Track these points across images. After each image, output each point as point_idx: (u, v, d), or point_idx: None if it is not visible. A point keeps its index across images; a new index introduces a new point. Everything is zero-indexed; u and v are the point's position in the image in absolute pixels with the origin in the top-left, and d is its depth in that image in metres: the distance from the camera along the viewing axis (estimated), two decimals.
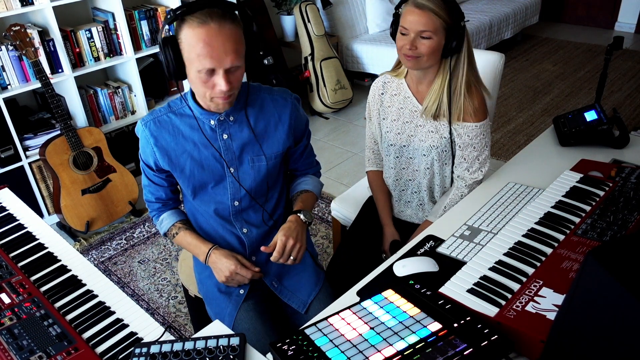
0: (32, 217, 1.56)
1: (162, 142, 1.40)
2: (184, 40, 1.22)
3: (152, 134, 1.40)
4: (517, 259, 1.21)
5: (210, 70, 1.22)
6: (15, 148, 2.67)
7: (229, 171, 1.42)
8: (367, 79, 4.55)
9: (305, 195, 1.57)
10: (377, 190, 1.86)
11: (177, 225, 1.52)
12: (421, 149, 1.67)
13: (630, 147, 1.76)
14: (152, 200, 1.54)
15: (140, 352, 1.04)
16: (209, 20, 1.19)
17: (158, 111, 1.42)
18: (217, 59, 1.21)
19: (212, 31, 1.19)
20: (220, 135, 1.40)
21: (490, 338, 0.98)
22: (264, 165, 1.44)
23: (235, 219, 1.49)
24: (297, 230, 1.44)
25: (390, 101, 1.71)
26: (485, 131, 1.62)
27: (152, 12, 3.07)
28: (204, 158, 1.41)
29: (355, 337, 1.02)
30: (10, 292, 1.22)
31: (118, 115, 3.13)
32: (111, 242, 2.80)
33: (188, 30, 1.21)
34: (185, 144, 1.40)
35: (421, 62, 1.52)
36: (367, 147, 1.89)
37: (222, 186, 1.44)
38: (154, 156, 1.42)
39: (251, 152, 1.43)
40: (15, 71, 2.62)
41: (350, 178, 3.27)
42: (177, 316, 2.30)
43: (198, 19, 1.19)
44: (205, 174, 1.42)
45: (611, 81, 4.39)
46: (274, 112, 1.44)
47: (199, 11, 1.19)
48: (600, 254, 0.76)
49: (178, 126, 1.40)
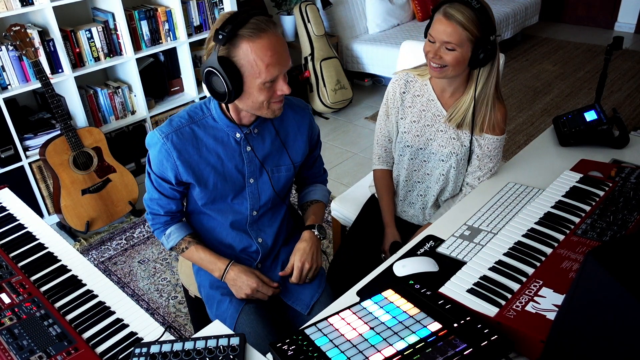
0: (32, 217, 1.56)
1: (185, 155, 1.34)
2: (243, 57, 1.18)
3: (175, 147, 1.32)
4: (517, 259, 1.21)
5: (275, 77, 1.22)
6: (15, 148, 2.67)
7: (249, 182, 1.42)
8: (367, 79, 4.56)
9: (316, 207, 1.59)
10: (383, 190, 1.84)
11: (186, 240, 1.48)
12: (440, 154, 1.67)
13: (630, 147, 1.76)
14: (161, 213, 1.47)
15: (140, 352, 1.04)
16: (265, 28, 1.17)
17: (178, 122, 1.35)
18: (284, 64, 1.21)
19: (273, 37, 1.18)
20: (244, 148, 1.38)
21: (490, 338, 0.98)
22: (283, 175, 1.46)
23: (251, 228, 1.49)
24: (312, 251, 1.47)
25: (411, 102, 1.69)
26: (502, 144, 1.66)
27: (152, 12, 3.07)
28: (227, 170, 1.38)
29: (355, 337, 1.02)
30: (10, 292, 1.22)
31: (118, 115, 3.13)
32: (111, 242, 2.80)
33: (248, 44, 1.17)
34: (209, 157, 1.36)
35: (446, 71, 1.51)
36: (379, 145, 1.83)
37: (242, 197, 1.43)
38: (176, 170, 1.35)
39: (272, 163, 1.43)
40: (15, 71, 2.62)
41: (350, 178, 3.27)
42: (177, 316, 2.30)
43: (255, 31, 1.16)
44: (227, 185, 1.40)
45: (611, 81, 4.39)
46: (294, 122, 1.45)
47: (248, 23, 1.16)
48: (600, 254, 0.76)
49: (202, 138, 1.35)
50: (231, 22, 1.16)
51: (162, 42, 3.18)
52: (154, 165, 1.38)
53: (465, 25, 1.43)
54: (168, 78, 3.35)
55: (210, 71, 1.20)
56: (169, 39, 3.19)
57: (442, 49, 1.47)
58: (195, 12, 3.29)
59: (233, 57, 1.19)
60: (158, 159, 1.35)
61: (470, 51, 1.47)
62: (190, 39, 3.26)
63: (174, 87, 3.39)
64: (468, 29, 1.43)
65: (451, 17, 1.43)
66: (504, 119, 1.62)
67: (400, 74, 1.71)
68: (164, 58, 3.28)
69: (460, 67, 1.50)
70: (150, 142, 1.36)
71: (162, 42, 3.18)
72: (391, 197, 1.84)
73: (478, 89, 1.55)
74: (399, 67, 2.05)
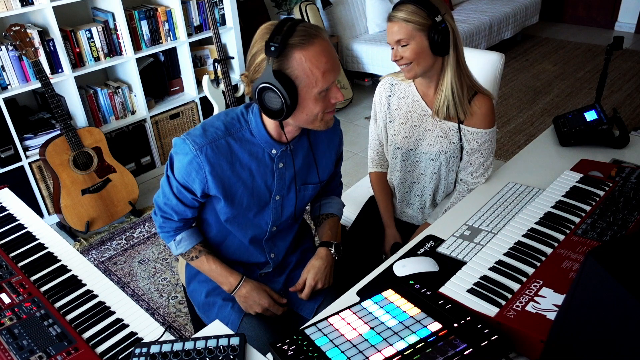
0: (32, 217, 1.56)
1: (218, 170, 1.26)
2: (296, 67, 1.12)
3: (209, 161, 1.24)
4: (517, 259, 1.21)
5: None
6: (15, 148, 2.67)
7: (274, 199, 1.37)
8: (367, 79, 4.56)
9: (332, 222, 1.55)
10: (380, 192, 1.86)
11: (197, 248, 1.42)
12: (429, 154, 1.67)
13: (630, 147, 1.76)
14: (174, 219, 1.39)
15: (140, 352, 1.04)
16: (316, 34, 1.12)
17: (214, 133, 1.26)
18: (338, 70, 1.17)
19: (325, 43, 1.14)
20: (277, 164, 1.32)
21: (490, 338, 0.98)
22: (309, 193, 1.42)
23: (267, 244, 1.46)
24: (326, 270, 1.44)
25: (398, 104, 1.71)
26: (492, 138, 1.64)
27: (152, 12, 3.07)
28: (256, 186, 1.33)
29: (356, 337, 1.02)
30: (10, 292, 1.22)
31: (118, 115, 3.13)
32: (111, 242, 2.80)
33: (300, 52, 1.11)
34: (242, 172, 1.30)
35: (414, 68, 1.54)
36: (371, 149, 1.88)
37: (264, 212, 1.38)
38: (205, 184, 1.27)
39: (300, 180, 1.38)
40: (15, 71, 2.62)
41: (351, 178, 3.26)
42: (177, 316, 2.30)
43: (306, 38, 1.11)
44: (253, 201, 1.35)
45: (611, 81, 4.39)
46: (324, 138, 1.40)
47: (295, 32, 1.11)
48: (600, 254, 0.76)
49: (237, 152, 1.27)
50: (278, 32, 1.11)
51: (162, 42, 3.18)
52: (179, 174, 1.29)
53: (407, 19, 1.49)
54: (168, 78, 3.35)
55: (265, 87, 1.13)
56: (169, 38, 3.19)
57: (399, 49, 1.53)
58: (195, 12, 3.29)
59: (286, 69, 1.12)
60: (187, 169, 1.27)
61: (426, 39, 1.50)
62: (190, 39, 3.26)
63: (174, 87, 3.39)
64: (411, 20, 1.48)
65: (394, 18, 1.52)
66: (491, 111, 1.60)
67: (385, 79, 1.75)
68: (164, 58, 3.28)
69: (424, 58, 1.52)
70: (180, 151, 1.26)
71: (162, 42, 3.18)
72: (389, 198, 1.85)
73: (449, 74, 1.56)
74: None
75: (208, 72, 3.46)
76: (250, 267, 1.50)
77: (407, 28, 1.49)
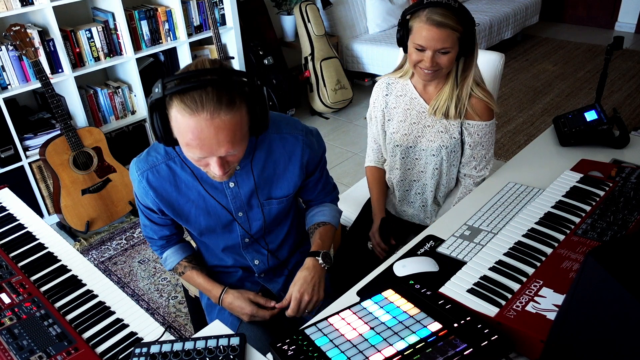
0: (32, 217, 1.56)
1: (163, 193, 1.28)
2: (173, 119, 1.05)
3: (151, 185, 1.27)
4: (517, 259, 1.21)
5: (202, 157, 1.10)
6: (15, 148, 2.67)
7: (238, 215, 1.35)
8: (367, 79, 4.55)
9: (323, 230, 1.46)
10: (373, 185, 1.87)
11: (182, 264, 1.45)
12: (430, 150, 1.67)
13: (630, 147, 1.76)
14: (155, 237, 1.44)
15: (140, 352, 1.04)
16: (200, 109, 1.00)
17: (154, 158, 1.27)
18: (208, 150, 1.06)
19: (203, 123, 1.01)
20: (227, 184, 1.30)
21: (490, 338, 0.98)
22: (274, 207, 1.38)
23: (246, 252, 1.45)
24: (313, 282, 1.36)
25: (395, 102, 1.71)
26: (493, 129, 1.65)
27: (152, 12, 3.07)
28: (210, 206, 1.32)
29: (356, 337, 1.02)
30: (10, 292, 1.22)
31: (118, 115, 3.13)
32: (111, 242, 2.80)
33: (177, 114, 1.03)
34: (189, 193, 1.30)
35: (439, 73, 1.55)
36: (369, 146, 1.90)
37: (231, 228, 1.38)
38: (157, 205, 1.31)
39: (261, 197, 1.35)
40: (15, 71, 2.62)
41: (351, 178, 3.27)
42: (177, 316, 2.30)
43: (187, 107, 1.01)
44: (212, 219, 1.34)
45: (611, 81, 4.39)
46: (283, 153, 1.33)
47: (190, 93, 1.00)
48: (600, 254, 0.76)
49: (179, 175, 1.28)
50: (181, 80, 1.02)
51: (162, 42, 3.18)
52: (139, 198, 1.34)
53: (455, 27, 1.46)
54: None
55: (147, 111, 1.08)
56: (169, 38, 3.19)
57: (436, 55, 1.49)
58: (195, 12, 3.29)
59: (168, 111, 1.06)
60: (139, 192, 1.31)
61: (459, 48, 1.50)
62: (190, 39, 3.26)
63: None
64: (457, 30, 1.47)
65: (440, 25, 1.44)
66: (491, 101, 1.61)
67: (381, 80, 1.76)
68: (164, 58, 3.28)
69: (452, 65, 1.55)
70: (131, 175, 1.31)
71: (162, 42, 3.18)
72: (381, 192, 1.86)
73: (459, 75, 1.56)
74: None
75: None
76: (249, 268, 1.50)
77: (452, 37, 1.47)
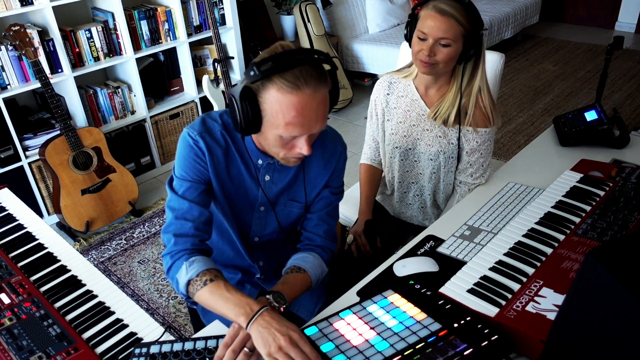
0: (32, 217, 1.56)
1: (214, 159, 1.25)
2: (268, 101, 1.07)
3: (208, 146, 1.24)
4: (517, 259, 1.20)
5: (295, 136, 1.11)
6: (15, 148, 2.66)
7: (258, 209, 1.35)
8: (367, 79, 4.55)
9: (294, 277, 1.26)
10: (365, 183, 1.86)
11: (213, 272, 1.19)
12: (428, 153, 1.66)
13: (631, 147, 1.76)
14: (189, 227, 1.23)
15: (140, 352, 1.04)
16: (303, 85, 1.04)
17: (212, 125, 1.26)
18: (308, 127, 1.09)
19: (307, 98, 1.05)
20: (263, 176, 1.30)
21: (491, 338, 0.98)
22: (295, 211, 1.38)
23: (251, 252, 1.43)
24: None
25: (396, 102, 1.69)
26: (492, 137, 1.62)
27: (152, 12, 3.07)
28: (241, 190, 1.31)
29: (362, 342, 1.01)
30: (10, 292, 1.22)
31: (118, 115, 3.13)
32: (111, 242, 2.80)
33: (276, 94, 1.05)
34: (232, 169, 1.28)
35: (437, 68, 1.50)
36: (366, 144, 1.88)
37: (247, 215, 1.36)
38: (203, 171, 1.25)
39: (287, 197, 1.35)
40: (15, 71, 2.62)
41: (351, 178, 3.26)
42: (177, 316, 2.30)
43: (290, 84, 1.03)
44: (236, 205, 1.33)
45: (611, 81, 4.38)
46: (320, 160, 1.33)
47: (290, 71, 1.03)
48: (600, 254, 0.76)
49: (231, 148, 1.27)
50: (273, 61, 1.04)
51: (161, 42, 3.18)
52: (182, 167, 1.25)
53: (460, 20, 1.42)
54: (168, 78, 3.34)
55: (232, 99, 1.11)
56: (168, 38, 3.19)
57: (436, 46, 1.45)
58: (195, 12, 3.28)
59: (260, 96, 1.08)
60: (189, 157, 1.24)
61: (462, 46, 1.46)
62: (190, 39, 3.26)
63: (174, 87, 3.39)
64: (462, 23, 1.43)
65: (445, 13, 1.42)
66: (493, 109, 1.58)
67: (384, 77, 1.72)
68: (163, 58, 3.28)
69: (451, 64, 1.50)
70: (182, 142, 1.26)
71: (162, 42, 3.18)
72: (371, 191, 1.84)
73: (464, 83, 1.53)
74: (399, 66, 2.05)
75: (208, 72, 3.46)
76: (249, 269, 1.49)
77: (456, 29, 1.43)
